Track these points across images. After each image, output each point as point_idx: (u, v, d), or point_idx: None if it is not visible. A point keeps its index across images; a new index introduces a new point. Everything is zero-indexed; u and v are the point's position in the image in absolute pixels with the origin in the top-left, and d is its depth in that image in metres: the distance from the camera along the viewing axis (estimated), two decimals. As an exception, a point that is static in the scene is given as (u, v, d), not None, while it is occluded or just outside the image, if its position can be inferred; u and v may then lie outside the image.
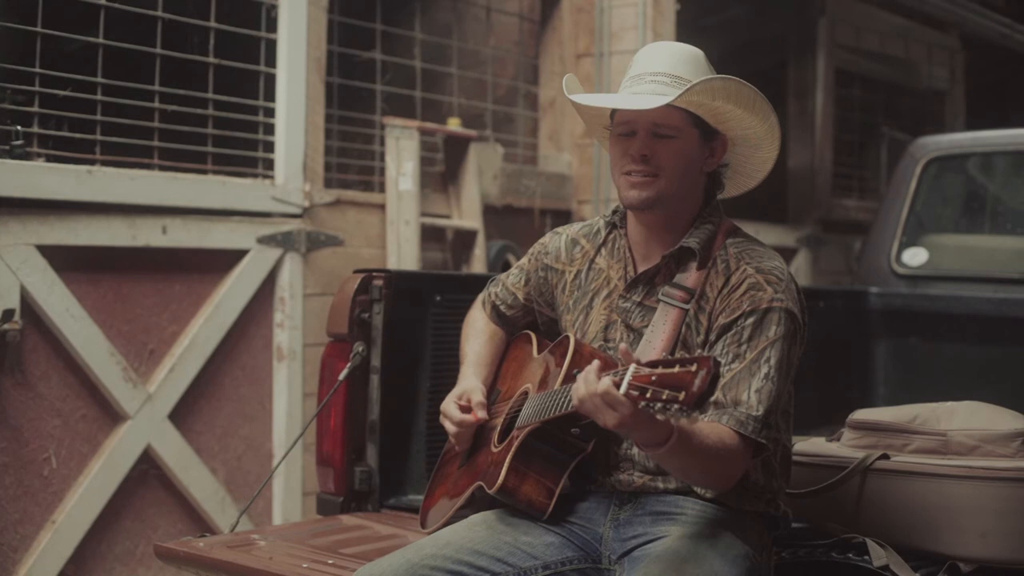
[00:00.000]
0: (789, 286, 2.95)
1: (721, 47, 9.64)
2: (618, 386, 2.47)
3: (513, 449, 2.96)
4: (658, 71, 2.97)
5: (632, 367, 2.45)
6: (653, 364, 2.44)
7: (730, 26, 9.99)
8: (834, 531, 3.43)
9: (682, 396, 2.36)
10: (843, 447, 3.64)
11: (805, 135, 10.16)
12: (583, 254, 3.23)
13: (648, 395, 2.39)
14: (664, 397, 2.37)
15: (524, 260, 3.40)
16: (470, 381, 3.29)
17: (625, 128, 2.98)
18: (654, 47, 3.07)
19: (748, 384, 2.83)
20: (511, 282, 3.40)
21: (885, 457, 3.49)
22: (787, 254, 9.30)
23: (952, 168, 6.67)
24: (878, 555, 3.24)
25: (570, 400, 2.76)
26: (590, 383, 2.56)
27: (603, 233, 3.22)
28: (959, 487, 3.34)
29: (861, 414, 3.69)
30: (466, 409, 3.21)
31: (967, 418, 3.52)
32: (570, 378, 2.90)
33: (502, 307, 3.41)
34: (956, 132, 10.02)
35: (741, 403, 2.81)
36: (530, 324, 3.41)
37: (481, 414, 3.19)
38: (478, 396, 3.22)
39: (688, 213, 3.05)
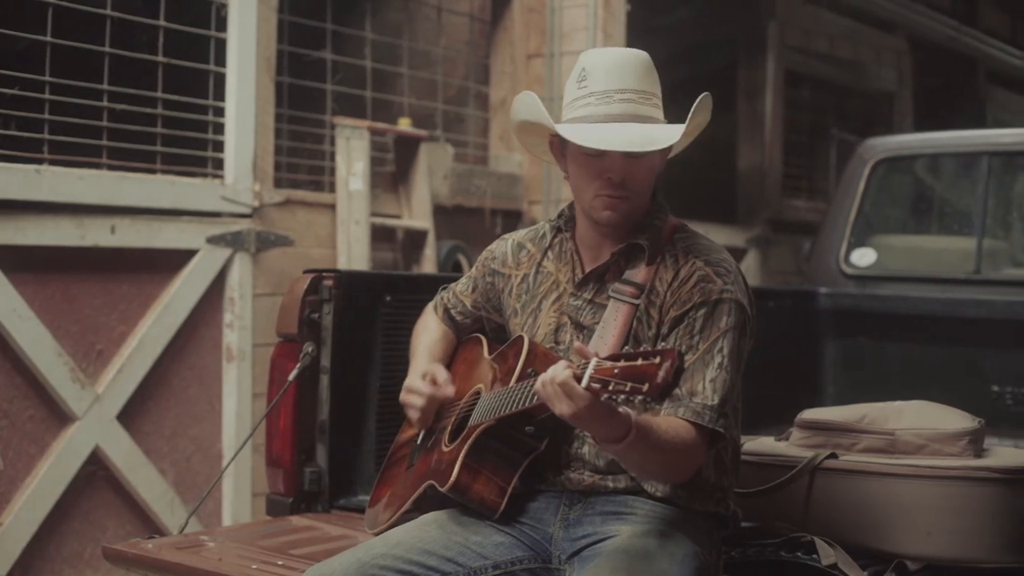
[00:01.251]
0: (737, 278, 2.98)
1: (671, 48, 9.68)
2: (579, 379, 2.47)
3: (467, 446, 2.96)
4: (626, 88, 2.92)
5: (594, 361, 2.45)
6: (615, 357, 2.45)
7: (680, 27, 10.02)
8: (783, 530, 3.44)
9: (646, 387, 2.36)
10: (792, 446, 3.65)
11: (755, 136, 10.21)
12: (529, 257, 3.23)
13: (610, 387, 2.40)
14: (627, 389, 2.38)
15: (472, 269, 3.40)
16: (427, 364, 3.29)
17: (596, 150, 2.92)
18: (607, 57, 3.00)
19: (703, 375, 2.84)
20: (460, 289, 3.40)
21: (833, 456, 3.51)
22: (737, 254, 9.31)
23: (900, 169, 6.72)
24: (826, 554, 3.26)
25: (527, 396, 2.76)
26: (554, 371, 2.57)
27: (549, 237, 3.22)
28: (907, 486, 3.36)
29: (810, 414, 3.71)
30: (433, 383, 3.21)
31: (915, 417, 3.54)
32: (524, 376, 2.90)
33: (453, 312, 3.41)
34: (904, 133, 10.09)
35: (696, 394, 2.82)
36: (479, 331, 3.41)
37: (449, 389, 3.18)
38: (443, 374, 3.23)
39: (638, 212, 3.05)
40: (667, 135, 2.90)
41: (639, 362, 2.39)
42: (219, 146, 5.97)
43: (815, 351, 6.14)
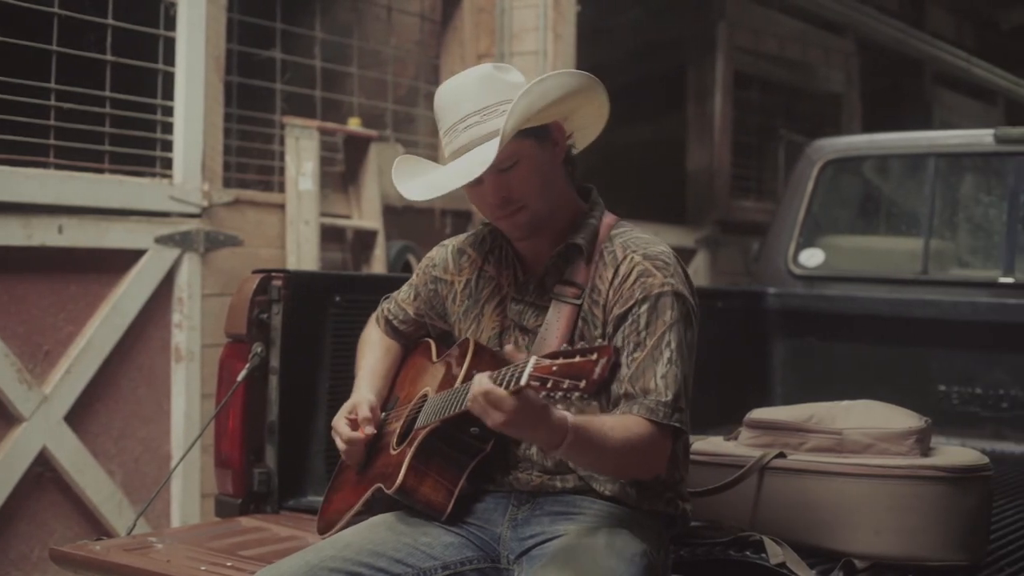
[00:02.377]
0: (677, 269, 2.96)
1: (621, 50, 9.71)
2: (519, 379, 2.46)
3: (412, 449, 2.96)
4: (464, 115, 2.93)
5: (533, 359, 2.45)
6: (553, 355, 2.45)
7: (630, 29, 10.05)
8: (731, 529, 3.46)
9: (583, 384, 2.37)
10: (740, 446, 3.67)
11: (704, 137, 10.25)
12: (471, 263, 3.22)
13: (549, 385, 2.40)
14: (565, 386, 2.38)
15: (413, 277, 3.38)
16: (360, 394, 3.26)
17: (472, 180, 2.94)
18: (444, 93, 3.01)
19: (654, 371, 2.83)
20: (401, 298, 3.39)
21: (782, 456, 3.52)
22: (686, 255, 9.37)
23: (848, 170, 6.76)
24: (775, 553, 3.27)
25: (467, 398, 2.76)
26: (478, 382, 2.56)
27: (489, 241, 3.22)
28: (854, 485, 3.38)
29: (758, 413, 3.73)
30: (355, 424, 3.19)
31: (862, 417, 3.56)
32: (470, 378, 2.90)
33: (395, 322, 3.39)
34: (852, 135, 10.15)
35: (650, 391, 2.82)
36: (426, 335, 3.40)
37: (368, 430, 3.15)
38: (364, 411, 3.18)
39: (565, 208, 3.05)
40: (489, 153, 2.83)
41: (576, 359, 2.40)
42: (168, 146, 5.94)
43: (764, 351, 6.17)
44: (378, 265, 6.79)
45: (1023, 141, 5.96)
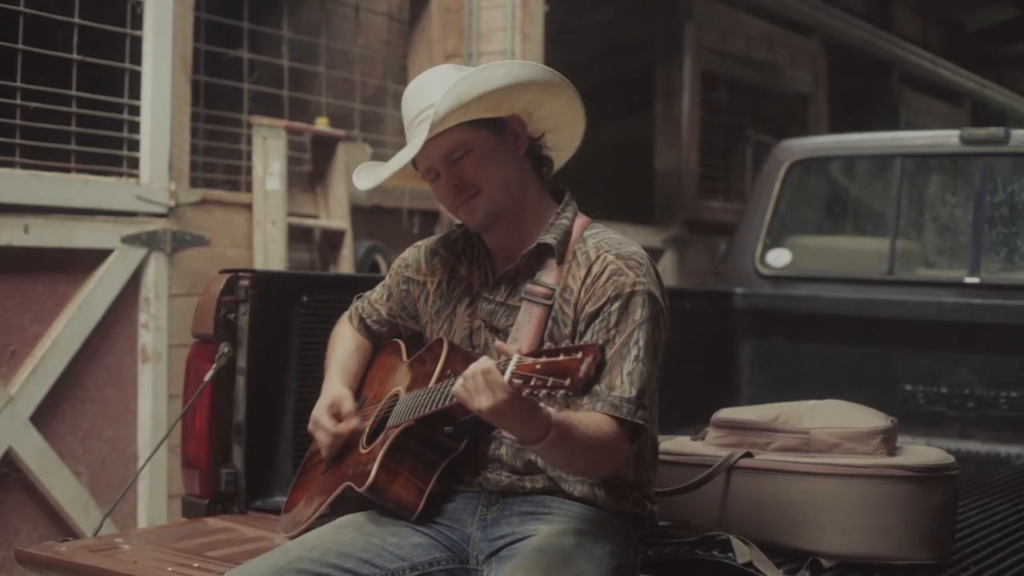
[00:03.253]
0: (649, 270, 2.98)
1: (589, 50, 9.73)
2: (502, 372, 2.47)
3: (385, 447, 2.95)
4: (419, 109, 2.96)
5: (516, 356, 2.45)
6: (537, 354, 2.45)
7: (598, 29, 10.07)
8: (699, 529, 3.47)
9: (567, 382, 2.37)
10: (708, 446, 3.68)
11: (672, 137, 10.27)
12: (443, 263, 3.23)
13: (532, 383, 2.40)
14: (549, 384, 2.39)
15: (387, 277, 3.39)
16: (337, 388, 3.26)
17: (429, 175, 3.02)
18: (410, 90, 3.06)
19: (620, 368, 2.84)
20: (375, 298, 3.39)
21: (749, 455, 3.53)
22: (654, 255, 9.28)
23: (815, 171, 6.78)
24: (742, 552, 3.28)
25: (445, 396, 2.76)
26: (476, 364, 2.56)
27: (461, 241, 3.22)
28: (820, 484, 3.39)
29: (725, 413, 3.74)
30: (339, 418, 3.19)
31: (828, 416, 3.58)
32: (444, 377, 2.90)
33: (368, 321, 3.39)
34: (819, 135, 10.18)
35: (615, 388, 2.82)
36: (397, 337, 3.40)
37: (354, 422, 3.16)
38: (348, 405, 3.19)
39: (535, 205, 3.07)
40: (425, 132, 2.88)
41: (561, 357, 2.40)
42: (135, 145, 5.92)
43: (731, 351, 6.18)
44: (346, 265, 6.78)
45: (989, 142, 5.99)
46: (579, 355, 2.38)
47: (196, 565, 3.39)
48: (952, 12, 15.07)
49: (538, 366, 2.41)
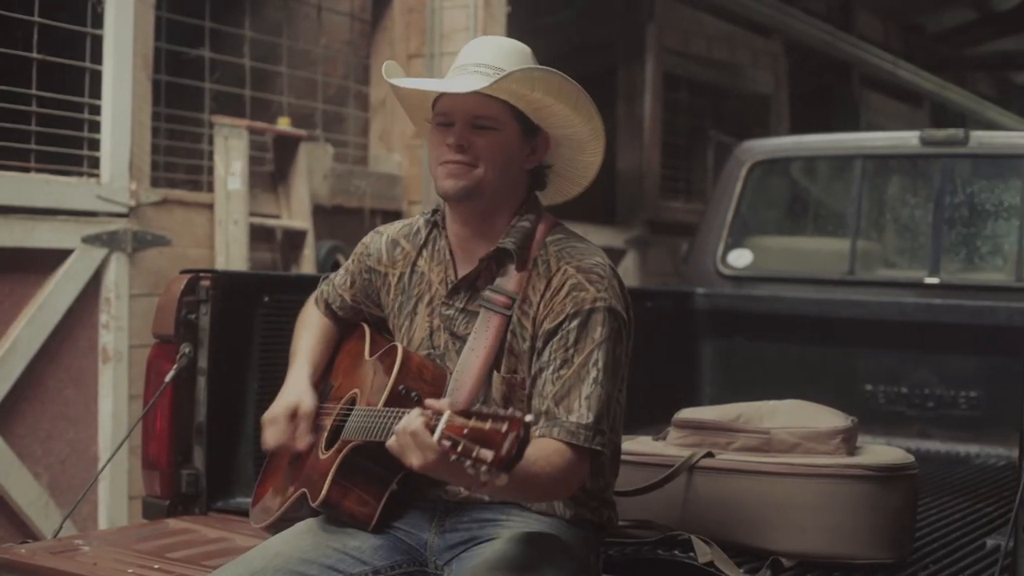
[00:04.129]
0: (611, 282, 2.92)
1: (551, 50, 9.71)
2: (432, 430, 2.39)
3: (336, 464, 2.93)
4: (481, 62, 2.92)
5: (446, 414, 2.37)
6: (467, 414, 2.38)
7: (560, 30, 10.07)
8: (660, 528, 3.48)
9: (491, 457, 2.30)
10: (669, 446, 3.69)
11: (633, 138, 10.29)
12: (404, 256, 3.18)
13: (459, 449, 2.33)
14: (474, 455, 2.31)
15: (349, 261, 3.35)
16: (301, 393, 3.17)
17: (444, 118, 2.93)
18: (481, 40, 3.04)
19: (579, 392, 2.80)
20: (339, 283, 3.35)
21: (710, 455, 3.55)
22: (615, 255, 9.40)
23: (776, 171, 6.81)
24: (703, 552, 3.29)
25: (387, 432, 2.70)
26: (407, 421, 2.49)
27: (423, 233, 3.17)
28: (781, 484, 3.41)
29: (686, 413, 3.75)
30: (294, 425, 3.12)
31: (789, 416, 3.59)
32: (395, 394, 2.88)
33: (334, 306, 3.36)
34: (780, 136, 10.22)
35: (572, 411, 2.78)
36: (364, 320, 3.37)
37: (302, 444, 3.10)
38: (304, 425, 3.11)
39: (507, 210, 3.00)
40: (484, 82, 2.85)
41: (488, 425, 2.33)
42: (95, 144, 5.89)
43: (692, 351, 6.20)
44: (307, 265, 6.77)
45: (948, 143, 6.02)
46: (504, 428, 2.32)
47: (157, 566, 3.38)
48: (912, 14, 15.15)
49: (466, 430, 2.33)
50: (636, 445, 3.68)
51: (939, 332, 5.70)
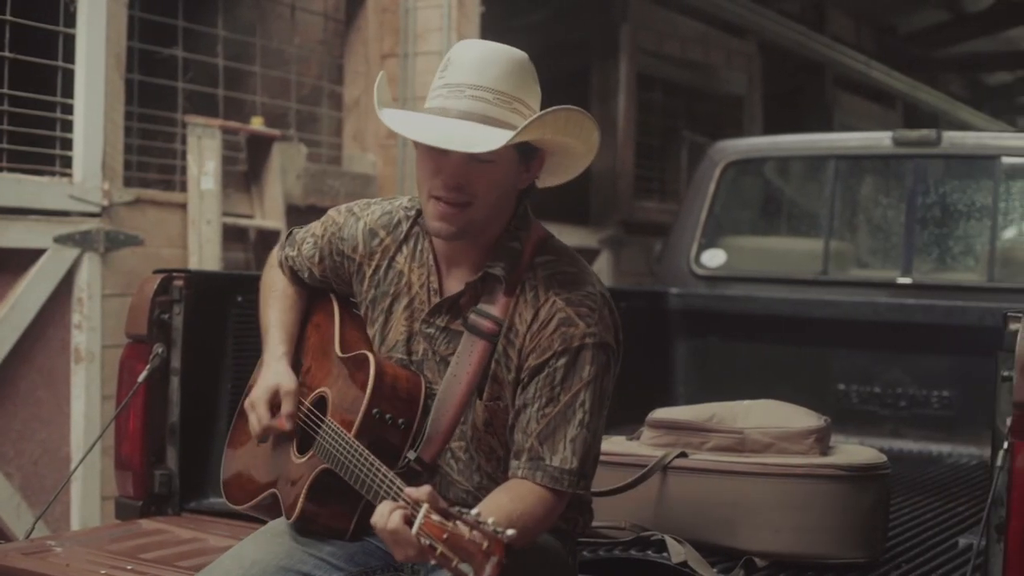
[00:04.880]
0: (602, 313, 2.82)
1: (525, 51, 9.72)
2: (410, 523, 2.34)
3: (308, 483, 2.87)
4: (480, 84, 2.73)
5: (424, 509, 2.30)
6: (445, 515, 2.30)
7: (534, 30, 10.07)
8: (634, 529, 3.48)
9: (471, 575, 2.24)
10: (643, 446, 3.70)
11: (607, 138, 10.28)
12: (383, 248, 3.03)
13: (439, 554, 2.25)
14: (454, 567, 2.24)
15: (318, 229, 3.19)
16: (282, 373, 3.07)
17: (436, 149, 2.71)
18: (472, 48, 2.81)
19: (564, 433, 2.73)
20: (307, 254, 3.19)
21: (683, 455, 3.55)
22: (589, 255, 9.41)
23: (750, 172, 6.82)
24: (676, 552, 3.30)
25: (360, 485, 2.70)
26: (384, 517, 2.42)
27: (404, 227, 3.02)
28: (754, 484, 3.42)
29: (660, 413, 3.76)
30: (275, 408, 3.05)
31: (762, 416, 3.60)
32: (369, 417, 2.81)
33: (301, 275, 3.23)
34: (753, 136, 10.25)
35: (557, 453, 2.72)
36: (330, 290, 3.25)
37: (288, 425, 2.99)
38: (288, 407, 3.00)
39: (497, 227, 2.86)
40: (495, 139, 2.64)
41: (467, 535, 2.24)
42: (67, 144, 5.87)
43: (666, 351, 6.21)
44: (281, 265, 6.75)
45: (921, 144, 6.04)
46: (485, 545, 2.23)
47: (130, 567, 3.38)
48: (885, 15, 15.19)
49: (445, 535, 2.25)
50: (610, 445, 3.68)
51: (912, 332, 5.72)
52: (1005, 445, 2.84)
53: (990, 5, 14.48)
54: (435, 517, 2.28)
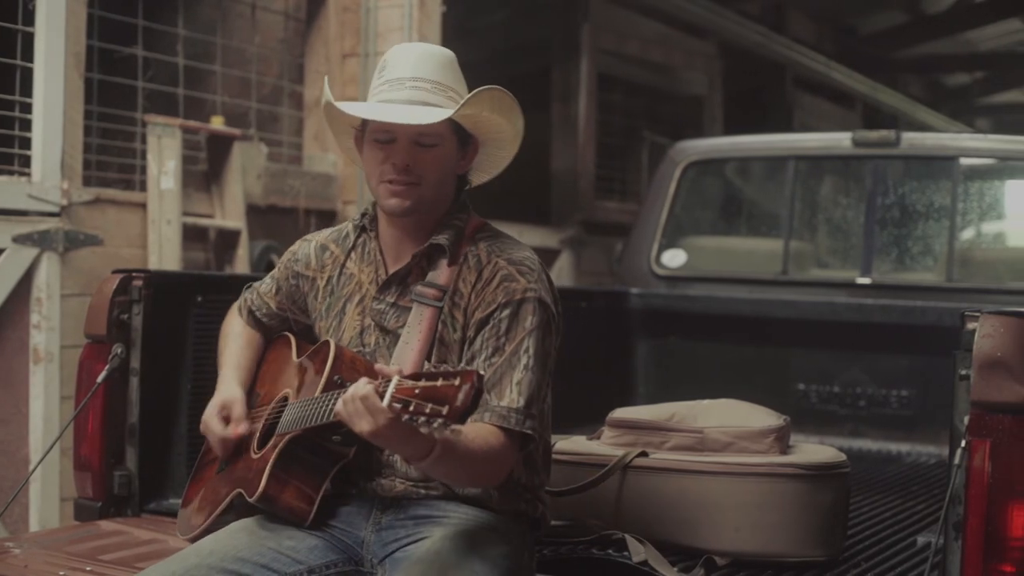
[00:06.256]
0: (541, 276, 2.99)
1: (486, 50, 9.73)
2: (381, 397, 2.46)
3: (273, 457, 2.93)
4: (417, 76, 2.98)
5: (395, 379, 2.44)
6: (416, 376, 2.44)
7: (495, 30, 10.08)
8: (594, 528, 3.49)
9: (445, 410, 2.36)
10: (603, 445, 3.70)
11: (568, 138, 10.31)
12: (333, 259, 3.21)
13: (411, 408, 2.38)
14: (427, 411, 2.37)
15: (276, 270, 3.37)
16: (230, 389, 3.22)
17: (385, 135, 2.97)
18: (406, 49, 3.08)
19: (510, 377, 2.85)
20: (264, 290, 3.36)
21: (644, 455, 3.56)
22: (550, 255, 9.42)
23: (710, 172, 6.84)
24: (637, 551, 3.31)
25: (328, 412, 2.75)
26: (355, 388, 2.56)
27: (352, 237, 3.21)
28: (714, 483, 3.43)
29: (620, 412, 3.76)
30: (228, 421, 3.16)
31: (722, 416, 3.61)
32: (331, 384, 2.89)
33: (258, 314, 3.37)
34: (714, 137, 10.28)
35: (504, 397, 2.83)
36: (288, 330, 3.37)
37: (242, 428, 3.13)
38: (239, 409, 3.16)
39: (439, 213, 3.06)
40: (439, 115, 2.91)
41: (439, 383, 2.39)
42: (26, 143, 5.84)
43: (627, 351, 6.21)
44: (241, 265, 6.74)
45: (880, 144, 6.08)
46: (456, 381, 2.37)
47: (89, 569, 3.37)
48: (845, 17, 15.26)
49: (417, 390, 2.39)
50: (570, 444, 3.69)
51: (871, 332, 5.75)
52: (963, 444, 2.86)
53: (949, 7, 14.58)
54: (407, 382, 2.42)
